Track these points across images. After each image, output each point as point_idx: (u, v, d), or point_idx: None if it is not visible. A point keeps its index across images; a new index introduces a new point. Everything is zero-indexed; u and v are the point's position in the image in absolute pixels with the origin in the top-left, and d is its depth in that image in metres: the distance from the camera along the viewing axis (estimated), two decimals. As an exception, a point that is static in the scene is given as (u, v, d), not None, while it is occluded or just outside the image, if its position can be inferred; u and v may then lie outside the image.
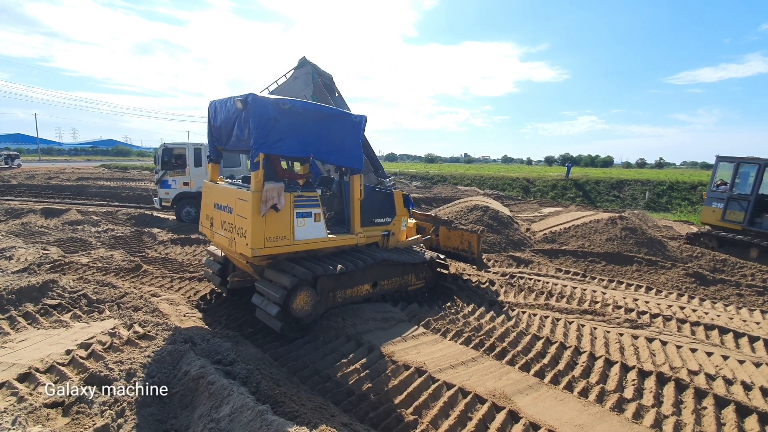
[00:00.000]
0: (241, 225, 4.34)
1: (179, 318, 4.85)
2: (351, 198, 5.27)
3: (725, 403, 3.63)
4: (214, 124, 4.84)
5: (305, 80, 10.52)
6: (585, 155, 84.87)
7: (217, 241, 4.88)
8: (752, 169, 9.71)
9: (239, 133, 4.36)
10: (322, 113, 4.69)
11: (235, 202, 4.47)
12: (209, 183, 5.05)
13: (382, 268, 5.46)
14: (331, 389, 3.55)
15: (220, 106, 4.66)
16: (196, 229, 10.13)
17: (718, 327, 5.25)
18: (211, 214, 4.90)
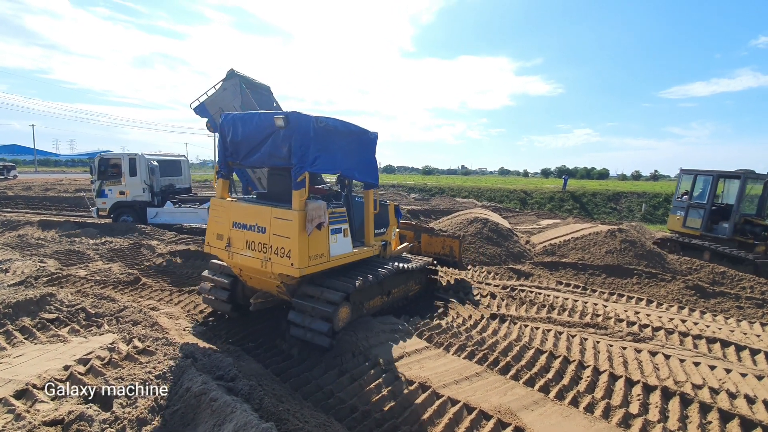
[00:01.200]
0: (280, 245, 4.16)
1: (179, 332, 4.79)
2: (366, 211, 5.35)
3: (730, 417, 3.61)
4: (232, 139, 4.54)
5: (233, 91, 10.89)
6: (581, 167, 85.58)
7: (239, 262, 4.55)
8: (708, 181, 10.62)
9: (273, 150, 4.23)
10: (347, 130, 4.72)
11: (270, 221, 4.25)
12: (222, 201, 4.72)
13: (394, 277, 5.54)
14: (334, 405, 3.51)
15: (243, 121, 4.45)
16: (196, 241, 10.09)
17: (720, 340, 5.25)
18: (227, 233, 4.56)
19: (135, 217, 12.12)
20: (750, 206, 10.54)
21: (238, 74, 10.84)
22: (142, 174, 11.88)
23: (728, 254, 9.70)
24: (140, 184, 11.92)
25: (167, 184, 12.94)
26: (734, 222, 10.02)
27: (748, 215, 10.31)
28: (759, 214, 10.43)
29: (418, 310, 5.98)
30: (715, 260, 9.54)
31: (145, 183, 11.97)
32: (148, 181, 12.01)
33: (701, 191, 10.80)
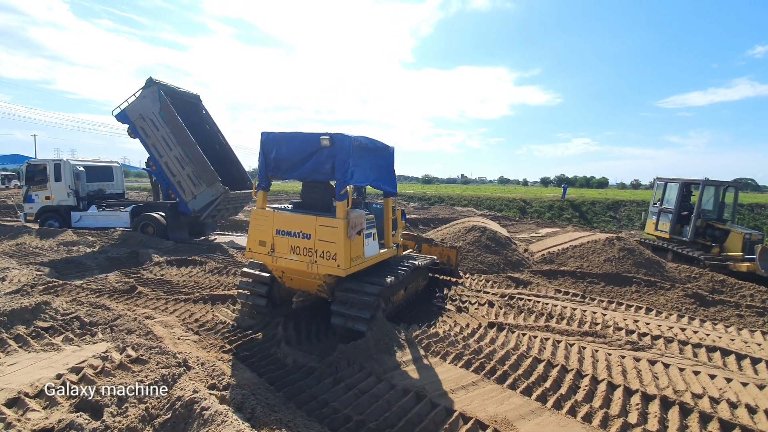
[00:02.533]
0: (326, 249, 4.73)
1: (173, 341, 4.76)
2: (386, 217, 6.04)
3: (731, 427, 3.55)
4: (275, 156, 5.03)
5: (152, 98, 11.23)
6: (580, 176, 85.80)
7: (282, 265, 5.05)
8: (676, 188, 11.34)
9: (317, 166, 4.81)
10: (374, 146, 5.35)
11: (315, 228, 4.80)
12: (264, 211, 5.18)
13: (411, 274, 6.05)
14: (328, 415, 3.46)
15: (286, 140, 4.97)
16: (193, 250, 10.07)
17: (720, 349, 5.19)
18: (270, 240, 5.04)
19: (60, 222, 12.37)
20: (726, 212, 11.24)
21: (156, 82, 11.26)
22: (67, 179, 12.17)
23: (686, 255, 10.39)
24: (65, 189, 12.23)
25: (96, 189, 13.23)
26: (695, 226, 10.73)
27: (709, 219, 10.93)
28: (719, 218, 11.02)
29: (415, 318, 5.94)
30: (677, 261, 10.33)
31: (70, 188, 12.25)
32: (74, 186, 12.28)
33: (671, 198, 11.55)
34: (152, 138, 11.32)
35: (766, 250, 8.85)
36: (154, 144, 11.35)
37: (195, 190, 11.10)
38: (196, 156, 10.99)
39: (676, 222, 11.26)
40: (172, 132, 11.04)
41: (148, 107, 11.14)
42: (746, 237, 9.83)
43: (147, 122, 11.25)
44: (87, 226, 12.24)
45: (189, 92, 12.89)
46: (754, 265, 8.85)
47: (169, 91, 11.65)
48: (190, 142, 11.02)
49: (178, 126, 11.01)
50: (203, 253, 9.74)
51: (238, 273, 8.04)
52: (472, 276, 8.44)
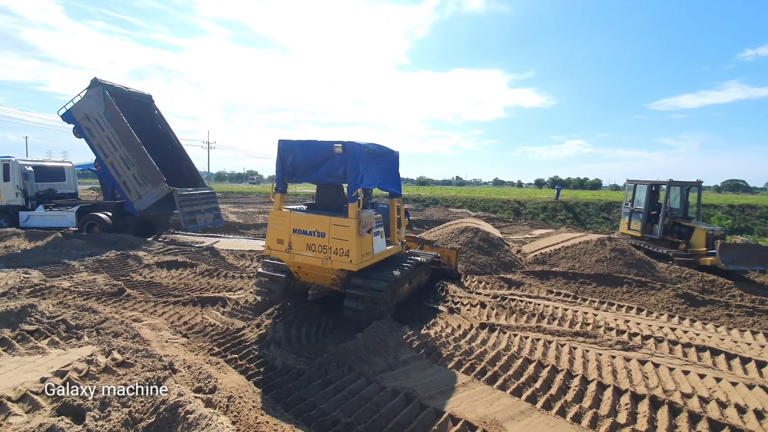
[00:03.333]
0: (339, 246, 5.16)
1: (161, 344, 4.70)
2: (391, 216, 6.51)
3: (720, 427, 3.54)
4: (292, 161, 5.47)
5: (97, 99, 11.35)
6: (574, 178, 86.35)
7: (299, 261, 5.51)
8: (645, 189, 12.00)
9: (330, 171, 5.26)
10: (381, 151, 5.75)
11: (329, 227, 5.23)
12: (281, 211, 5.61)
13: (415, 269, 6.47)
14: (316, 418, 3.41)
15: (301, 147, 5.42)
16: (180, 251, 9.97)
17: (710, 348, 5.21)
18: (287, 238, 5.47)
19: (9, 221, 12.36)
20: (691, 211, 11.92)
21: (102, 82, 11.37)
22: (15, 179, 12.11)
23: (656, 252, 10.89)
24: (13, 188, 12.20)
25: (46, 189, 13.15)
26: (663, 224, 11.31)
27: (677, 217, 11.53)
28: (684, 216, 11.63)
29: (408, 319, 5.91)
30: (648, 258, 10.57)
31: (18, 188, 12.19)
32: (22, 186, 12.21)
33: (640, 198, 12.21)
34: (97, 138, 11.39)
35: (724, 245, 9.44)
36: (100, 144, 11.41)
37: (140, 190, 11.18)
38: (140, 156, 11.04)
39: (647, 221, 11.90)
40: (117, 132, 11.10)
41: (93, 107, 11.25)
42: (709, 233, 10.41)
43: (92, 122, 11.32)
44: (35, 225, 12.16)
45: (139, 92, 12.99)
46: (715, 258, 9.31)
47: (115, 91, 11.78)
48: (134, 143, 11.06)
49: (122, 126, 11.06)
50: (194, 256, 9.65)
51: (229, 275, 7.98)
52: (465, 277, 8.43)
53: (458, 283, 7.91)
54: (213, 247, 10.24)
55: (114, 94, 11.55)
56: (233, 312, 5.93)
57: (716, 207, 26.26)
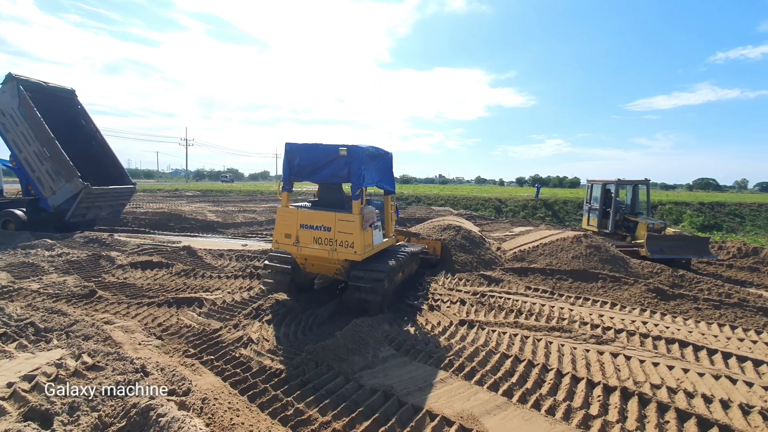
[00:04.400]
0: (344, 239, 5.67)
1: (133, 346, 4.57)
2: (386, 212, 7.10)
3: (687, 417, 3.67)
4: (298, 163, 5.95)
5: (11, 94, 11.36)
6: (553, 176, 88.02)
7: (306, 253, 6.01)
8: (599, 188, 12.98)
9: (335, 172, 5.77)
10: (378, 153, 6.37)
11: (334, 222, 5.72)
12: (288, 208, 6.06)
13: (408, 259, 7.09)
14: (293, 417, 3.38)
15: (308, 150, 5.89)
16: (156, 251, 9.73)
17: (679, 341, 5.39)
18: (294, 232, 5.93)
19: None
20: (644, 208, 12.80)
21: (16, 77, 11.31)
22: None
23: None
24: None
25: None
26: (614, 220, 12.29)
27: (626, 213, 12.42)
28: (632, 212, 12.53)
29: (387, 316, 5.92)
30: None
31: None
32: None
33: (597, 196, 13.14)
34: (12, 133, 11.25)
35: (650, 236, 10.49)
36: (14, 140, 11.26)
37: (54, 185, 11.05)
38: (54, 151, 10.90)
39: (602, 217, 12.82)
40: (31, 127, 10.95)
41: (8, 102, 11.12)
42: (650, 226, 11.15)
43: (7, 118, 11.15)
44: None
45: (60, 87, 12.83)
46: (644, 249, 10.15)
47: (32, 86, 11.64)
48: (48, 138, 10.92)
49: (36, 121, 10.92)
50: (170, 256, 9.43)
51: (207, 275, 7.83)
52: (446, 275, 8.49)
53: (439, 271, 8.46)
54: (190, 246, 10.01)
55: (30, 89, 11.40)
56: (210, 313, 5.82)
57: (688, 205, 27.24)
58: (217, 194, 34.84)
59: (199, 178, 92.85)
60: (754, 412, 3.79)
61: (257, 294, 6.72)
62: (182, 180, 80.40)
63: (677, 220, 24.94)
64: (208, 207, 22.87)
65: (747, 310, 6.75)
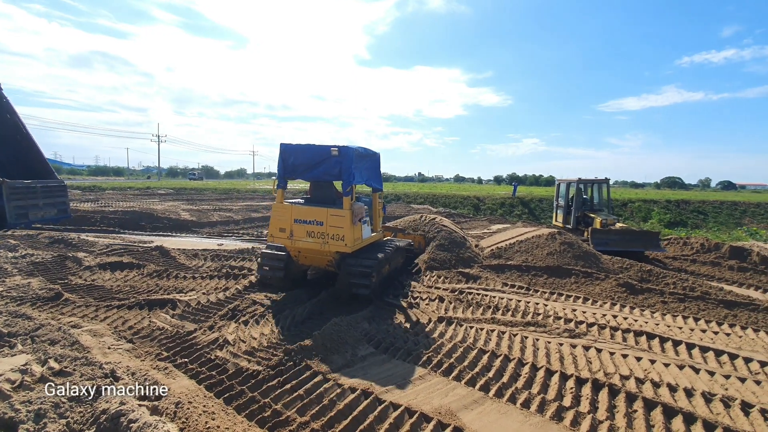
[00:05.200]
0: (335, 232, 6.08)
1: (102, 351, 4.41)
2: (374, 208, 7.53)
3: (653, 406, 3.83)
4: (293, 162, 6.33)
5: None
6: (530, 175, 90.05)
7: (300, 246, 6.39)
8: (565, 187, 14.20)
9: (327, 170, 6.17)
10: (366, 153, 6.82)
11: (326, 217, 6.12)
12: (282, 204, 6.43)
13: (394, 253, 7.56)
14: (270, 419, 3.34)
15: (301, 150, 6.28)
16: (126, 252, 9.41)
17: (646, 333, 5.62)
18: (289, 227, 6.31)
19: None
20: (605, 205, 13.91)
21: None
22: None
23: None
24: None
25: None
26: (575, 216, 13.38)
27: (586, 210, 13.54)
28: (591, 209, 13.69)
29: (366, 315, 5.92)
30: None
31: None
32: None
33: (563, 194, 14.29)
34: None
35: (594, 230, 11.60)
36: None
37: None
38: None
39: (566, 213, 13.89)
40: None
41: None
42: (603, 221, 12.23)
43: None
44: None
45: None
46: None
47: None
48: None
49: None
50: (141, 256, 9.13)
51: (180, 276, 7.62)
52: (425, 273, 8.56)
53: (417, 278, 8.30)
54: (162, 246, 9.72)
55: None
56: (184, 314, 5.67)
57: (655, 202, 28.35)
58: (192, 192, 33.93)
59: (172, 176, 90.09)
60: (716, 400, 3.99)
61: (234, 294, 6.59)
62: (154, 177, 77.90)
63: (646, 217, 25.95)
64: (182, 205, 22.25)
65: (709, 302, 7.10)
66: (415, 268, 8.95)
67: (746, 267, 10.17)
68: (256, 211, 20.54)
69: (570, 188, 14.01)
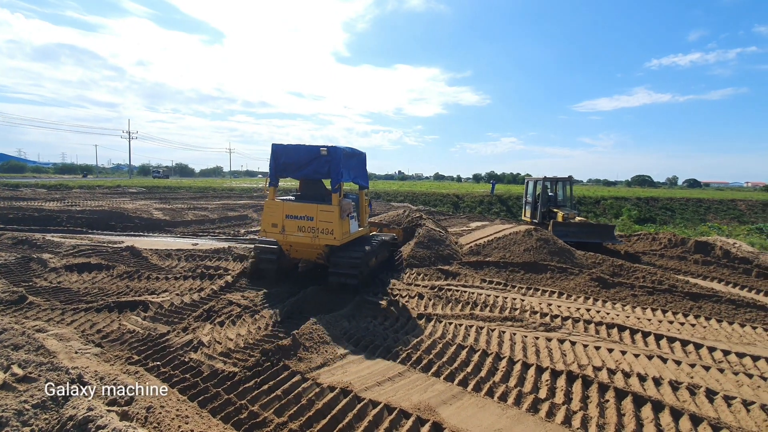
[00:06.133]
0: (325, 227, 6.48)
1: (69, 355, 4.21)
2: (361, 204, 7.99)
3: (624, 395, 3.95)
4: (285, 161, 6.72)
5: None
6: (508, 173, 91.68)
7: (291, 240, 6.77)
8: (531, 183, 15.50)
9: (317, 169, 6.60)
10: (353, 153, 7.25)
11: (316, 213, 6.52)
12: (274, 201, 6.79)
13: (379, 246, 7.94)
14: (247, 421, 3.28)
15: (293, 150, 6.68)
16: (94, 252, 9.05)
17: (617, 325, 5.81)
18: (281, 222, 6.67)
19: None
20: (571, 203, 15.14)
21: None
22: None
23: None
24: None
25: None
26: (540, 211, 14.42)
27: (551, 206, 14.61)
28: (555, 204, 14.77)
29: (346, 313, 5.88)
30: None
31: None
32: None
33: (531, 191, 15.42)
34: None
35: (555, 223, 12.52)
36: None
37: None
38: None
39: (533, 209, 14.95)
40: None
41: None
42: (565, 215, 13.18)
43: None
44: None
45: None
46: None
47: None
48: None
49: None
50: (111, 257, 8.80)
51: (153, 277, 7.39)
52: (404, 270, 8.58)
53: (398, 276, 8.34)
54: (134, 246, 9.39)
55: None
56: (156, 316, 5.49)
57: (626, 200, 29.35)
58: (165, 191, 32.92)
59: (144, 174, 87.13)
60: (682, 388, 4.16)
61: (209, 295, 6.43)
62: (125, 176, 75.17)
63: (617, 214, 26.83)
64: (155, 204, 21.57)
65: (676, 295, 7.40)
66: (399, 257, 9.28)
67: (710, 261, 10.66)
68: (233, 210, 20.12)
69: (537, 186, 15.06)
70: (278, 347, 4.33)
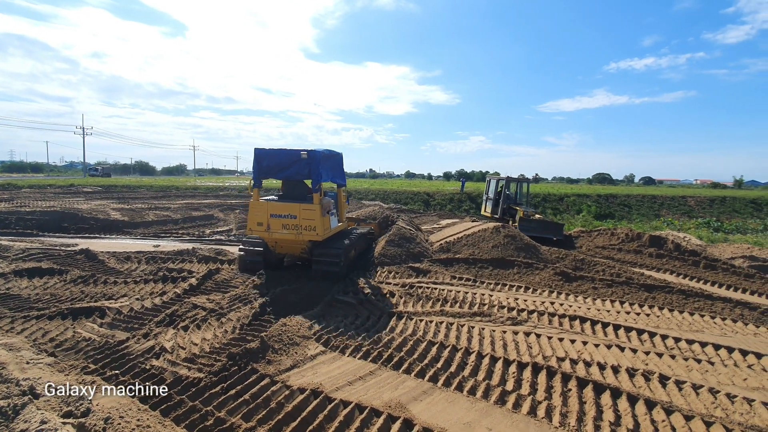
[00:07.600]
0: (308, 224, 7.04)
1: (20, 366, 3.93)
2: (339, 201, 8.61)
3: (585, 384, 4.14)
4: (267, 164, 7.19)
5: None
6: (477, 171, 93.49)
7: (276, 237, 7.28)
8: (492, 182, 16.88)
9: (298, 170, 7.11)
10: (331, 154, 7.84)
11: (299, 211, 7.06)
12: (258, 202, 7.26)
13: (359, 239, 8.96)
14: (212, 427, 3.18)
15: (274, 153, 7.16)
16: (46, 256, 8.51)
17: (579, 317, 6.06)
18: (266, 221, 7.15)
19: None
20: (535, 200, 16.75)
21: None
22: None
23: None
24: None
25: None
26: (501, 208, 15.72)
27: (512, 203, 15.96)
28: (515, 202, 16.19)
29: (316, 313, 5.82)
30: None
31: None
32: None
33: (491, 189, 16.78)
34: None
35: (521, 219, 13.95)
36: None
37: None
38: None
39: (494, 206, 16.20)
40: None
41: None
42: (525, 213, 14.58)
43: None
44: None
45: None
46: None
47: None
48: None
49: None
50: (64, 261, 8.29)
51: (110, 281, 7.03)
52: (375, 269, 8.58)
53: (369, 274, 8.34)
54: (89, 249, 8.89)
55: None
56: (114, 323, 5.22)
57: (587, 197, 30.69)
58: (123, 190, 31.31)
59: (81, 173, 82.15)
60: (638, 374, 4.41)
61: (172, 299, 6.18)
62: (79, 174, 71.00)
63: (579, 210, 28.00)
64: (112, 204, 20.50)
65: (632, 287, 7.82)
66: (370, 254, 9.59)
67: (663, 254, 11.32)
68: (198, 210, 19.43)
69: (499, 184, 16.34)
70: (246, 350, 4.24)
